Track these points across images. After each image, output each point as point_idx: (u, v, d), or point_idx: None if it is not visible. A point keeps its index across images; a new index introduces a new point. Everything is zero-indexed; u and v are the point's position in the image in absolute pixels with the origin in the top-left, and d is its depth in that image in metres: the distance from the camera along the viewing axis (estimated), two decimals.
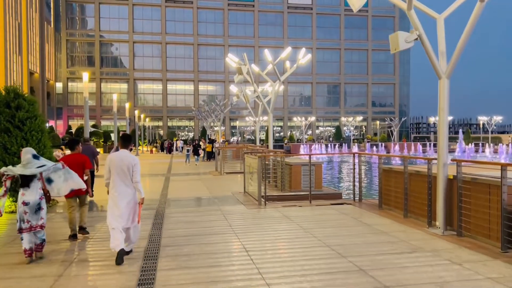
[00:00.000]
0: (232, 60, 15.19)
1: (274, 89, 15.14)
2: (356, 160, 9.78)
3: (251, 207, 9.64)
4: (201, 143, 26.37)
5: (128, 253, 5.72)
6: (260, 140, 66.27)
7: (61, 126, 68.34)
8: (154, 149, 47.30)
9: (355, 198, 10.15)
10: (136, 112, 43.39)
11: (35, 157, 5.82)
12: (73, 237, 6.86)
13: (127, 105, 34.26)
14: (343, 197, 11.96)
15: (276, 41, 75.04)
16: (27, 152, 5.81)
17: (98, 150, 14.57)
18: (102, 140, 49.34)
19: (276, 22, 76.32)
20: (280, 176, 12.29)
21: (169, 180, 16.35)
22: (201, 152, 24.95)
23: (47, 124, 61.18)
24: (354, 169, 10.03)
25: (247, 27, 75.12)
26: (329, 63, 78.45)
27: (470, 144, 61.48)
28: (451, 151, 50.71)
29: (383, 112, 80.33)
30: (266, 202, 9.83)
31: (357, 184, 10.14)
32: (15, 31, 48.94)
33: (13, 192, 9.03)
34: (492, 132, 65.29)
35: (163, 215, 8.73)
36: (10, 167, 5.78)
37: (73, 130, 55.80)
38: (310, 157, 10.08)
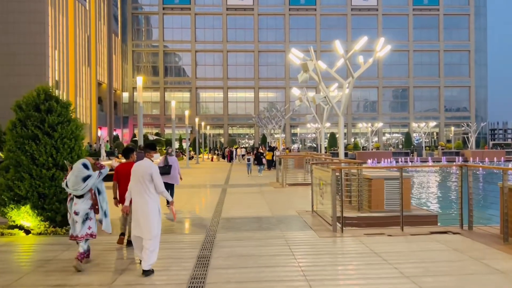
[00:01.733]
0: (295, 56, 13.22)
1: (345, 88, 12.93)
2: (464, 174, 7.29)
3: (323, 234, 7.52)
4: (261, 150, 24.30)
5: (148, 272, 5.30)
6: (324, 147, 63.53)
7: (127, 135, 70.32)
8: (215, 157, 46.38)
9: (463, 225, 7.65)
10: (197, 119, 42.78)
11: (85, 166, 5.90)
12: (122, 234, 6.87)
13: (186, 113, 33.47)
14: (438, 221, 9.46)
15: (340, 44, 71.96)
16: (78, 162, 5.99)
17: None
18: (164, 148, 49.41)
19: (339, 25, 73.41)
20: (357, 192, 10.05)
21: (226, 192, 14.63)
22: (264, 161, 22.36)
23: (114, 133, 63.07)
24: (461, 186, 7.55)
25: (309, 32, 72.94)
26: (396, 66, 73.86)
27: None
28: None
29: (456, 118, 74.06)
30: (343, 228, 7.65)
31: (465, 205, 7.62)
32: (85, 43, 50.75)
33: (40, 210, 7.69)
34: None
35: (213, 243, 6.89)
36: (65, 187, 5.93)
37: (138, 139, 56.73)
38: (401, 171, 7.73)
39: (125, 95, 71.55)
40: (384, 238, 7.15)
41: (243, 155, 38.22)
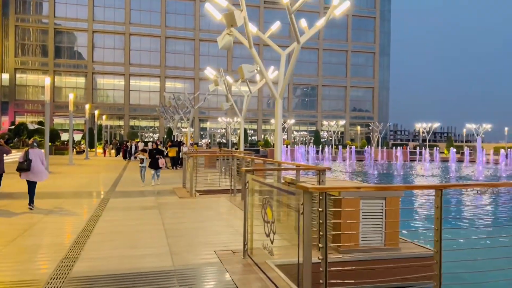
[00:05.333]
0: (216, 1, 8.91)
1: (283, 62, 9.01)
2: None
3: None
4: (159, 146, 17.99)
5: None
6: (234, 144, 59.95)
7: (6, 123, 59.98)
8: (107, 151, 39.68)
9: None
10: (87, 106, 36.14)
11: None
12: None
13: (71, 96, 27.08)
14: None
15: (252, 37, 69.19)
16: None
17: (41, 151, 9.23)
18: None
19: (253, 17, 70.50)
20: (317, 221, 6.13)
21: (105, 207, 9.80)
22: (162, 163, 14.49)
23: None
24: None
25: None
26: (306, 64, 73.37)
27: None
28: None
29: (361, 117, 76.16)
30: None
31: None
32: None
33: None
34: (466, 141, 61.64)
35: None
36: None
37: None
38: (441, 193, 3.78)
39: (5, 76, 60.91)
40: None
41: (135, 153, 30.16)
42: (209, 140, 66.26)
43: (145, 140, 58.89)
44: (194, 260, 5.52)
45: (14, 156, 16.09)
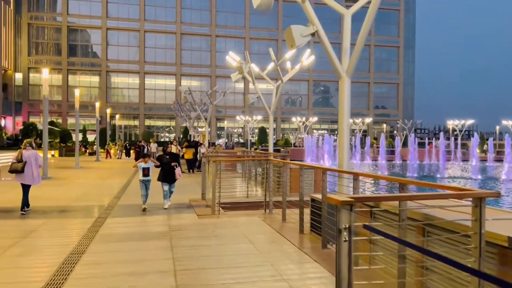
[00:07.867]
0: None
1: (348, 23, 6.07)
2: None
3: None
4: (173, 146, 13.60)
5: None
6: (252, 143, 57.13)
7: (20, 123, 58.47)
8: (112, 152, 36.39)
9: None
10: (97, 104, 33.72)
11: None
12: None
13: (77, 92, 24.54)
14: None
15: (270, 32, 66.52)
16: None
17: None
18: (58, 140, 39.38)
19: (270, 12, 67.35)
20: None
21: (96, 234, 7.02)
22: (179, 173, 9.87)
23: (2, 121, 50.84)
24: None
25: (238, 16, 66.15)
26: (326, 59, 69.26)
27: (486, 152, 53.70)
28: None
29: (385, 115, 72.50)
30: None
31: None
32: None
33: None
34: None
35: None
36: None
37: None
38: None
39: (18, 76, 59.37)
40: None
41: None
42: (226, 140, 63.64)
43: (161, 140, 56.49)
44: None
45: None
